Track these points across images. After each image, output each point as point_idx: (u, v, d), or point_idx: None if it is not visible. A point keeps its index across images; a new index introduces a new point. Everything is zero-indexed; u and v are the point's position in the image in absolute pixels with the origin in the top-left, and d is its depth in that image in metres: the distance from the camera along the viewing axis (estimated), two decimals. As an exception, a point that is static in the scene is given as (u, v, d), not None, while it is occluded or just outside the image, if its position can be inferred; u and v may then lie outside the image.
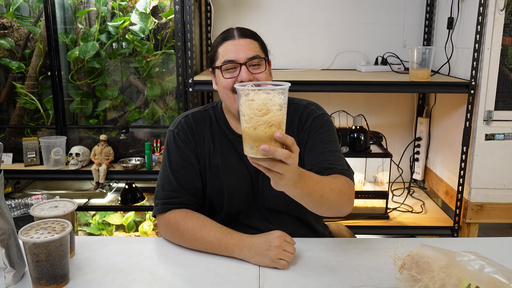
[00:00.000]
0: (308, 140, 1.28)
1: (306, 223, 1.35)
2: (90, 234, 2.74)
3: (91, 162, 2.43)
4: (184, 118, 1.34)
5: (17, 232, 1.00)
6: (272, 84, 0.90)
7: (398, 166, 2.73)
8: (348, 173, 1.22)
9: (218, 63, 1.25)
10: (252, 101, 0.87)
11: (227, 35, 1.25)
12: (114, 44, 2.47)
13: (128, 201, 2.60)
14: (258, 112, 0.86)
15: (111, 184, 2.85)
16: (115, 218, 2.76)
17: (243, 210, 1.32)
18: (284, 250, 1.10)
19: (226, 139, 1.32)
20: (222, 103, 1.35)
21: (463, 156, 2.15)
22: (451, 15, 2.34)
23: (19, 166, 2.44)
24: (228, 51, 1.23)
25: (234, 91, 1.21)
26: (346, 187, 1.16)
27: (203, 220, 1.22)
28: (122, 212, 2.76)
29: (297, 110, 1.32)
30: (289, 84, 0.90)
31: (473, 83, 2.07)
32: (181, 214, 1.23)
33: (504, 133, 2.10)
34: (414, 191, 2.74)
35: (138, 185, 2.71)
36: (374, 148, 2.45)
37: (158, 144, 2.43)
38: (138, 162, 2.44)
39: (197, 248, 1.19)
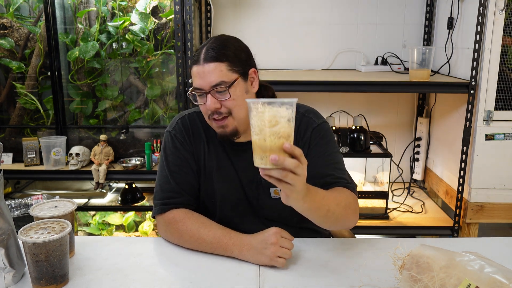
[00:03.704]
0: (309, 153, 1.26)
1: (305, 229, 1.34)
2: (90, 234, 2.74)
3: (91, 162, 2.43)
4: (181, 119, 1.33)
5: (17, 232, 1.00)
6: (281, 100, 0.93)
7: (398, 166, 2.73)
8: (352, 186, 1.23)
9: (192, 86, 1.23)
10: (263, 113, 0.90)
11: (196, 57, 1.20)
12: (114, 44, 2.47)
13: (128, 201, 2.60)
14: (267, 123, 0.90)
15: (111, 184, 2.85)
16: (115, 218, 2.76)
17: (238, 216, 1.31)
18: (281, 247, 1.10)
19: (220, 145, 1.31)
20: None
21: (463, 156, 2.15)
22: (451, 15, 2.34)
23: (19, 166, 2.44)
24: (195, 77, 1.19)
25: (209, 117, 1.22)
26: (351, 202, 1.18)
27: (202, 220, 1.22)
28: (122, 212, 2.76)
29: (295, 119, 1.30)
30: (297, 99, 0.94)
31: (473, 83, 2.07)
32: (180, 214, 1.23)
33: (504, 133, 2.10)
34: (414, 191, 2.74)
35: (138, 185, 2.70)
36: (374, 148, 2.45)
37: (158, 144, 2.43)
38: (138, 162, 2.44)
39: (196, 248, 1.19)
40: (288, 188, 0.93)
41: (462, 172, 2.17)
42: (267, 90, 1.35)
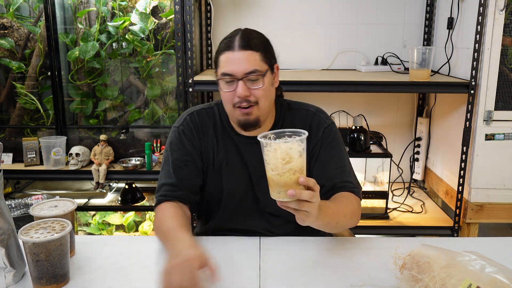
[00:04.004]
0: (320, 152, 1.30)
1: (305, 229, 1.35)
2: (90, 234, 2.74)
3: (91, 162, 2.43)
4: (190, 115, 1.34)
5: (17, 232, 1.00)
6: (291, 132, 0.99)
7: (398, 166, 2.73)
8: (358, 191, 1.29)
9: (218, 73, 1.24)
10: (276, 151, 0.94)
11: (228, 44, 1.21)
12: (114, 44, 2.47)
13: (128, 201, 2.60)
14: (282, 161, 0.94)
15: (111, 184, 2.85)
16: (115, 218, 2.76)
17: (241, 213, 1.32)
18: (171, 280, 0.91)
19: (229, 138, 1.32)
20: None
21: (463, 156, 2.15)
22: (451, 15, 2.34)
23: (19, 166, 2.44)
24: (226, 63, 1.20)
25: (234, 105, 1.23)
26: (356, 209, 1.24)
27: (174, 215, 1.19)
28: (122, 212, 2.76)
29: (307, 117, 1.33)
30: (307, 134, 0.97)
31: (473, 83, 2.07)
32: (167, 205, 1.24)
33: (504, 133, 2.10)
34: (414, 191, 2.74)
35: (138, 185, 2.70)
36: (374, 148, 2.45)
37: (158, 144, 2.43)
38: (138, 162, 2.44)
39: (159, 238, 1.19)
40: (305, 214, 0.99)
41: (462, 172, 2.17)
42: (277, 88, 1.37)
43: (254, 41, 1.21)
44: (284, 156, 0.94)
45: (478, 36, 2.01)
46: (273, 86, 1.28)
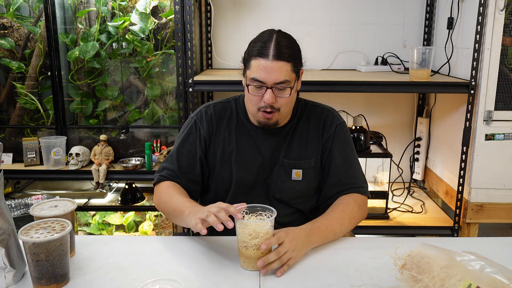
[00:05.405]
0: (332, 146, 1.39)
1: (309, 219, 1.37)
2: (90, 234, 2.74)
3: (91, 162, 2.43)
4: (206, 107, 1.42)
5: (17, 232, 1.00)
6: (262, 208, 1.12)
7: (398, 166, 2.73)
8: (363, 190, 1.37)
9: (248, 74, 1.28)
10: (245, 228, 1.06)
11: (262, 50, 1.24)
12: (114, 44, 2.47)
13: (128, 201, 2.60)
14: (249, 237, 1.06)
15: (111, 184, 2.85)
16: (115, 218, 2.76)
17: (251, 198, 1.36)
18: (211, 214, 1.05)
19: (244, 129, 1.38)
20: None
21: (463, 156, 2.15)
22: (451, 15, 2.34)
23: (19, 166, 2.44)
24: (258, 69, 1.24)
25: (259, 108, 1.29)
26: (356, 211, 1.30)
27: (180, 191, 1.32)
28: (122, 212, 2.76)
29: (322, 113, 1.42)
30: (276, 214, 1.09)
31: (473, 83, 2.07)
32: (169, 184, 1.35)
33: (504, 133, 2.10)
34: (414, 191, 2.74)
35: (138, 185, 2.70)
36: (374, 148, 2.45)
37: (158, 144, 2.43)
38: (138, 162, 2.44)
39: (167, 213, 1.29)
40: (288, 255, 1.08)
41: (462, 172, 2.17)
42: None
43: (287, 51, 1.25)
44: (251, 233, 1.05)
45: (478, 36, 2.01)
46: (295, 91, 1.33)
